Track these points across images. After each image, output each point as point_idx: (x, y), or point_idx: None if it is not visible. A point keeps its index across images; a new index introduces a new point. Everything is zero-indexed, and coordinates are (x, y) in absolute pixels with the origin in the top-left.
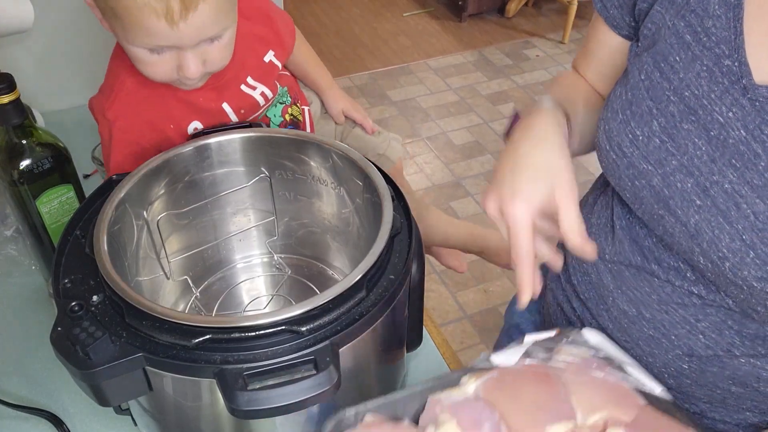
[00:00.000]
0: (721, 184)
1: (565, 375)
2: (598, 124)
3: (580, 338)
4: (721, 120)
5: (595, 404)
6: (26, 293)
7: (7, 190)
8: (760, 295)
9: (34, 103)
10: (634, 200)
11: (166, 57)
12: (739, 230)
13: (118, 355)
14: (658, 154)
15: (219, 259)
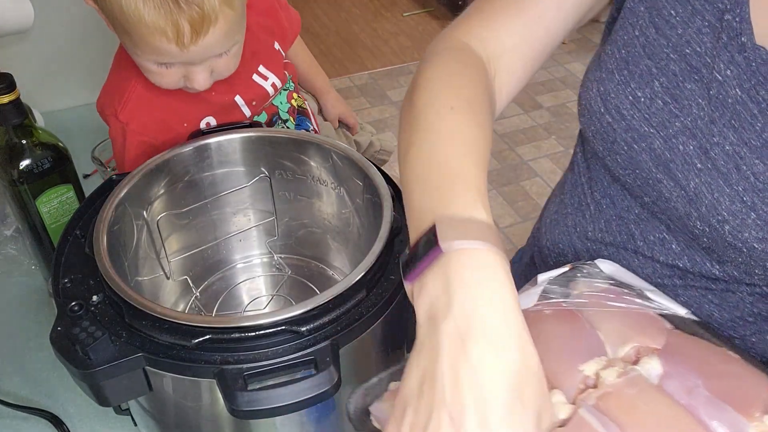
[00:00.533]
0: (722, 146)
1: (586, 310)
2: (586, 87)
3: (595, 270)
4: (720, 78)
5: (623, 335)
6: (26, 293)
7: (7, 189)
8: (761, 256)
9: (34, 103)
10: (628, 165)
11: (174, 70)
12: (740, 192)
13: (118, 355)
14: (660, 115)
15: (219, 259)
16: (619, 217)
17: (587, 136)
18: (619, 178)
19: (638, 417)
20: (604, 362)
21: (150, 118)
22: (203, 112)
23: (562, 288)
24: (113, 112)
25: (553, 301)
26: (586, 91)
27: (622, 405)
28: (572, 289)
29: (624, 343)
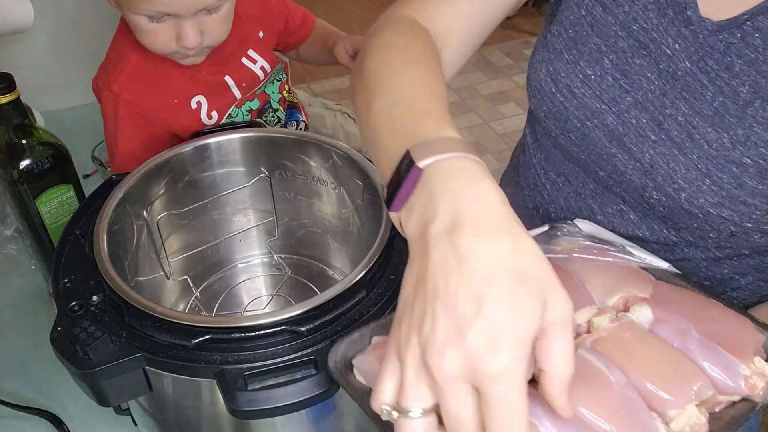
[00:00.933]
0: (675, 117)
1: (570, 264)
2: (534, 68)
3: (574, 228)
4: (669, 52)
5: (610, 286)
6: (26, 293)
7: (7, 189)
8: (715, 220)
9: (34, 103)
10: (582, 142)
11: (166, 26)
12: (694, 160)
13: (118, 355)
14: (611, 92)
15: (219, 259)
16: (576, 194)
17: (539, 117)
18: (572, 155)
19: (635, 358)
20: (595, 311)
21: (142, 90)
22: (194, 90)
23: (545, 245)
24: (106, 86)
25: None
26: (535, 72)
27: (618, 347)
28: (555, 246)
29: (612, 294)
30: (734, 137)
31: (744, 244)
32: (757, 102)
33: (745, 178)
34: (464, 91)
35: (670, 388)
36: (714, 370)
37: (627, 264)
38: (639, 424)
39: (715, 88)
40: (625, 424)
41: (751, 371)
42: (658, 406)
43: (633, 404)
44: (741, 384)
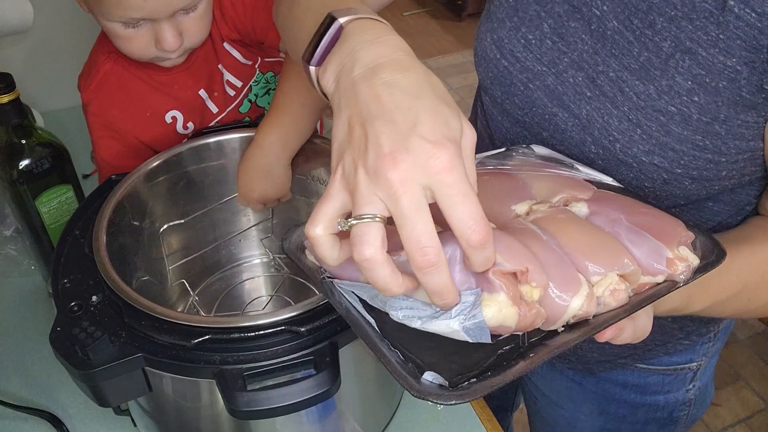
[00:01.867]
0: (607, 73)
1: (519, 173)
2: (480, 38)
3: (529, 151)
4: (598, 13)
5: (552, 189)
6: (26, 293)
7: (6, 189)
8: (649, 168)
9: (34, 103)
10: (525, 104)
11: (142, 31)
12: (625, 112)
13: (118, 355)
14: (551, 54)
15: (218, 259)
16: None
17: (485, 85)
18: (518, 119)
19: (567, 233)
20: (534, 203)
21: (110, 101)
22: (167, 104)
23: (498, 161)
24: (81, 91)
25: (489, 168)
26: (481, 42)
27: (552, 224)
28: (508, 161)
29: (553, 195)
30: (659, 88)
31: (678, 192)
32: (677, 54)
33: (672, 126)
34: (465, 90)
35: (595, 259)
36: (639, 251)
37: (571, 175)
38: (564, 272)
39: (641, 45)
40: (551, 269)
41: (674, 255)
42: (583, 273)
43: (559, 256)
44: (663, 264)
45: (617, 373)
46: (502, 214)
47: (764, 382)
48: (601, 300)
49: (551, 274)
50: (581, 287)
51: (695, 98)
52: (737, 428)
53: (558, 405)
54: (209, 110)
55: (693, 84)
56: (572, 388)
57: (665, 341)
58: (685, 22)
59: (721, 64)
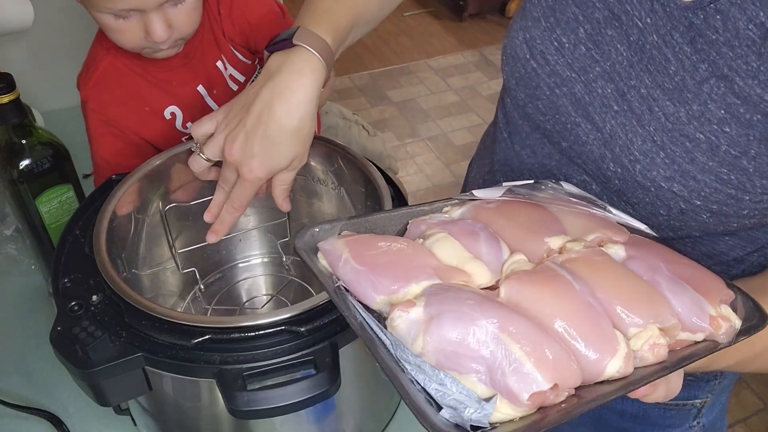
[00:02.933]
0: (638, 89)
1: (550, 206)
2: (512, 36)
3: (559, 187)
4: (640, 25)
5: (586, 227)
6: (26, 293)
7: (6, 189)
8: (667, 195)
9: (34, 103)
10: (549, 110)
11: (132, 22)
12: (651, 132)
13: (118, 354)
14: (583, 60)
15: (219, 259)
16: (541, 165)
17: (510, 86)
18: (539, 125)
19: (603, 278)
20: (569, 239)
21: (109, 98)
22: (166, 100)
23: (528, 191)
24: (80, 89)
25: (520, 196)
26: (512, 40)
27: (587, 266)
28: (538, 193)
29: (588, 233)
30: (690, 112)
31: (694, 225)
32: (712, 80)
33: (697, 153)
34: (464, 91)
35: (633, 308)
36: (680, 304)
37: (605, 216)
38: (599, 330)
39: (678, 63)
40: (585, 328)
41: (716, 313)
42: (620, 325)
43: (594, 310)
44: (705, 321)
45: (616, 402)
46: (535, 247)
47: (763, 383)
48: (638, 354)
49: (585, 334)
50: (618, 348)
51: (726, 128)
52: (736, 428)
53: (555, 427)
54: (209, 107)
55: (726, 113)
56: None
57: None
58: (725, 48)
59: (757, 96)
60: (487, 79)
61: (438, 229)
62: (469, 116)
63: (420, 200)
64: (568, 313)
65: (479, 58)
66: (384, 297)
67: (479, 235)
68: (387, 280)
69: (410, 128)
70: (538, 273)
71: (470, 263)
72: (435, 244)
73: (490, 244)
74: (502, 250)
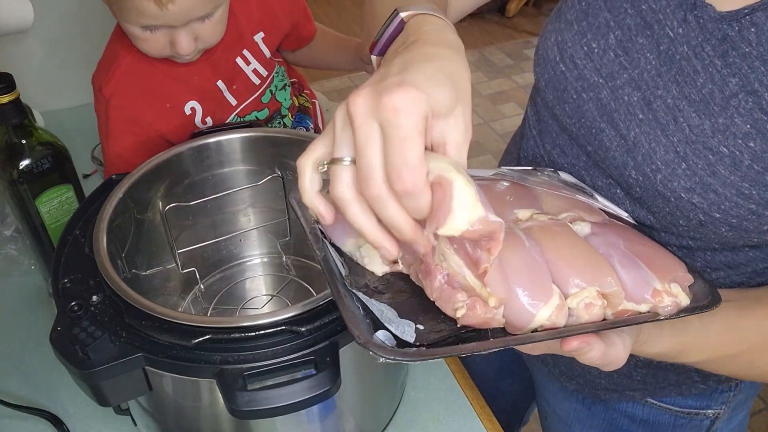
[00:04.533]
0: (665, 99)
1: (536, 189)
2: (545, 36)
3: (554, 175)
4: (671, 35)
5: (562, 207)
6: (26, 293)
7: (6, 189)
8: (686, 206)
9: (34, 103)
10: (575, 114)
11: (159, 34)
12: (674, 143)
13: (118, 355)
14: (611, 67)
15: (219, 259)
16: (570, 165)
17: (540, 86)
18: (566, 127)
19: (557, 244)
20: (538, 212)
21: (132, 94)
22: (187, 95)
23: (520, 174)
24: (99, 87)
25: (507, 177)
26: (545, 41)
27: (545, 234)
28: (530, 178)
29: (561, 213)
30: (715, 125)
31: (713, 237)
32: (741, 94)
33: (719, 167)
34: None
35: (578, 271)
36: (627, 275)
37: (587, 201)
38: (537, 281)
39: (707, 75)
40: (522, 277)
41: (662, 288)
42: (563, 283)
43: (535, 264)
44: (648, 293)
45: (626, 405)
46: (503, 216)
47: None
48: (573, 312)
49: (522, 281)
50: (552, 298)
51: (751, 143)
52: None
53: (567, 424)
54: (228, 102)
55: (752, 128)
56: (580, 411)
57: (680, 382)
58: (758, 62)
59: None
60: (487, 79)
61: None
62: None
63: None
64: (511, 263)
65: (479, 58)
66: (353, 240)
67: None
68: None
69: None
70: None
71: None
72: None
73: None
74: None
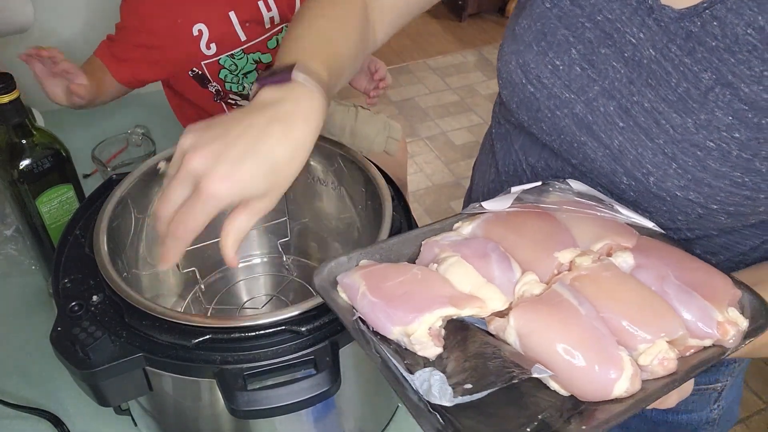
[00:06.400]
0: (641, 104)
1: (558, 214)
2: (504, 60)
3: (566, 186)
4: (634, 41)
5: (595, 234)
6: (26, 293)
7: (7, 189)
8: (683, 203)
9: (34, 103)
10: (552, 131)
11: None
12: (661, 144)
13: (118, 355)
14: (579, 81)
15: (219, 258)
16: (555, 177)
17: (511, 108)
18: (546, 144)
19: (611, 295)
20: (578, 252)
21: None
22: (196, 15)
23: (535, 197)
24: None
25: (528, 204)
26: (505, 64)
27: (595, 284)
28: (546, 198)
29: (597, 241)
30: (697, 122)
31: (711, 226)
32: (717, 87)
33: (709, 161)
34: (464, 91)
35: (641, 324)
36: (688, 312)
37: (613, 218)
38: (604, 353)
39: (679, 75)
40: (589, 352)
41: (724, 318)
42: (629, 341)
43: (598, 334)
44: (713, 328)
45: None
46: (546, 263)
47: (763, 383)
48: (648, 368)
49: (590, 355)
50: (624, 369)
51: (735, 134)
52: (736, 428)
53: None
54: (238, 37)
55: (734, 119)
56: None
57: None
58: (726, 54)
59: (764, 101)
60: (486, 79)
61: (450, 251)
62: (468, 116)
63: (420, 199)
64: (574, 338)
65: (478, 58)
66: (400, 328)
67: (491, 256)
68: (402, 312)
69: (410, 128)
70: (544, 301)
71: (484, 288)
72: (449, 269)
73: (501, 266)
74: (513, 270)
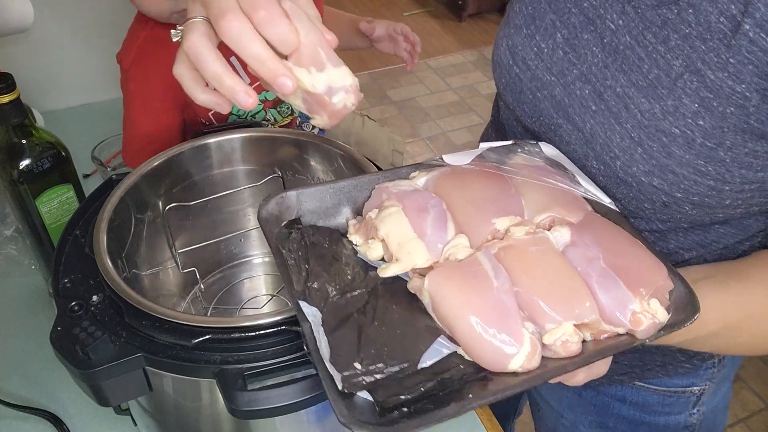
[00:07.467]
0: (614, 88)
1: (516, 178)
2: (497, 42)
3: (536, 149)
4: (613, 27)
5: (543, 204)
6: (26, 293)
7: (7, 189)
8: (648, 189)
9: (34, 103)
10: (533, 112)
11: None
12: (628, 129)
13: (118, 355)
14: (561, 64)
15: (219, 258)
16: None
17: (499, 90)
18: (527, 126)
19: (531, 271)
20: (517, 221)
21: (149, 67)
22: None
23: (499, 156)
24: (120, 59)
25: (487, 163)
26: (497, 47)
27: (519, 257)
28: (509, 159)
29: (542, 212)
30: (665, 108)
31: (679, 217)
32: (686, 75)
33: (673, 147)
34: (464, 90)
35: (554, 303)
36: (606, 298)
37: (569, 190)
38: (505, 327)
39: (651, 61)
40: (492, 324)
41: (641, 308)
42: (539, 318)
43: (504, 307)
44: (626, 318)
45: (616, 388)
46: (482, 228)
47: (763, 383)
48: (551, 348)
49: (491, 330)
50: (522, 345)
51: (700, 122)
52: (736, 428)
53: (559, 413)
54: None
55: (699, 107)
56: (572, 397)
57: (665, 363)
58: (698, 41)
59: (729, 89)
60: (487, 79)
61: (394, 200)
62: (468, 116)
63: None
64: (479, 309)
65: (478, 58)
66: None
67: (429, 212)
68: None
69: (410, 128)
70: (462, 268)
71: (410, 243)
72: (385, 218)
73: (436, 224)
74: (447, 230)
